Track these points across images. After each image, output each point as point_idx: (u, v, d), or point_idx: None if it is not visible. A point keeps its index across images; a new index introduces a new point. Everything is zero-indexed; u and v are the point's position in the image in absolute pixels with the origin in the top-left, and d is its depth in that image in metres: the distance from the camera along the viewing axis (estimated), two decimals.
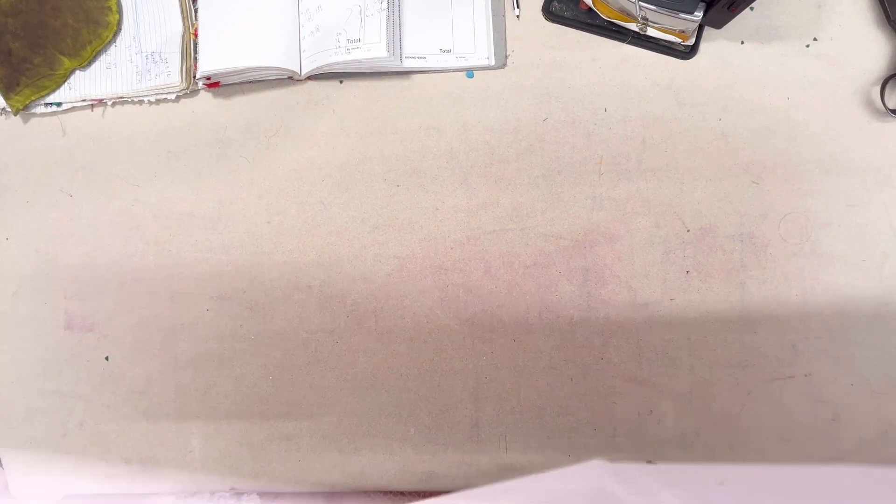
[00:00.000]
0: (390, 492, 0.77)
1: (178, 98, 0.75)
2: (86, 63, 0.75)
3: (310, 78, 0.74)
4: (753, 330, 0.70)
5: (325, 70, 0.71)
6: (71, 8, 0.74)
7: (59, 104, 0.77)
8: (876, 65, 0.68)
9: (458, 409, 0.73)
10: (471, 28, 0.71)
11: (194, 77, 0.74)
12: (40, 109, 0.77)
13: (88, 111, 0.77)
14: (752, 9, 0.68)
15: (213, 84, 0.74)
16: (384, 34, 0.68)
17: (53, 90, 0.76)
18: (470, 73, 0.72)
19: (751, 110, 0.70)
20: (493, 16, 0.71)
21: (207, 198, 0.76)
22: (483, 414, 0.73)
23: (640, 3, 0.61)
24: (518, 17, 0.72)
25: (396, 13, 0.71)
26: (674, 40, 0.68)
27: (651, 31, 0.68)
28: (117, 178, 0.76)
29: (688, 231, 0.70)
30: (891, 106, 0.68)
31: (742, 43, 0.70)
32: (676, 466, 0.68)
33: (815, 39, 0.69)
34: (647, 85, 0.71)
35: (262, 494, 0.77)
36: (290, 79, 0.74)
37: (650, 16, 0.63)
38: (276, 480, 0.75)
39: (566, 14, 0.71)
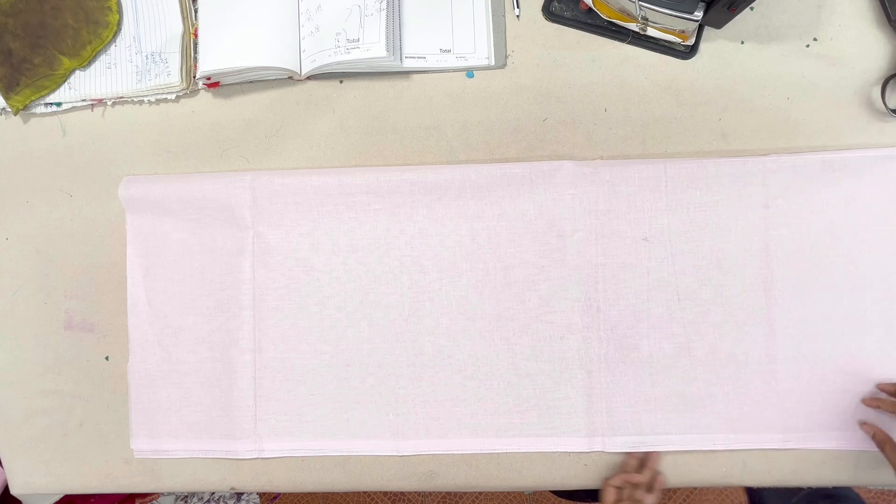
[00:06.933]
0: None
1: (178, 98, 0.75)
2: (86, 63, 0.75)
3: (310, 78, 0.74)
4: None
5: (325, 70, 0.70)
6: (71, 8, 0.74)
7: (59, 104, 0.77)
8: (876, 65, 0.68)
9: None
10: (471, 28, 0.71)
11: (194, 77, 0.74)
12: (40, 109, 0.77)
13: (88, 111, 0.77)
14: (752, 9, 0.68)
15: (213, 84, 0.74)
16: (384, 34, 0.68)
17: (53, 90, 0.76)
18: (470, 73, 0.72)
19: (751, 110, 0.70)
20: (493, 16, 0.71)
21: None
22: None
23: (640, 3, 0.61)
24: (518, 17, 0.72)
25: (396, 13, 0.71)
26: (674, 40, 0.68)
27: (651, 31, 0.68)
28: (117, 178, 0.76)
29: None
30: (891, 106, 0.68)
31: (742, 43, 0.70)
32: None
33: (815, 39, 0.69)
34: (647, 85, 0.71)
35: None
36: (290, 79, 0.74)
37: (650, 16, 0.63)
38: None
39: (566, 14, 0.71)
